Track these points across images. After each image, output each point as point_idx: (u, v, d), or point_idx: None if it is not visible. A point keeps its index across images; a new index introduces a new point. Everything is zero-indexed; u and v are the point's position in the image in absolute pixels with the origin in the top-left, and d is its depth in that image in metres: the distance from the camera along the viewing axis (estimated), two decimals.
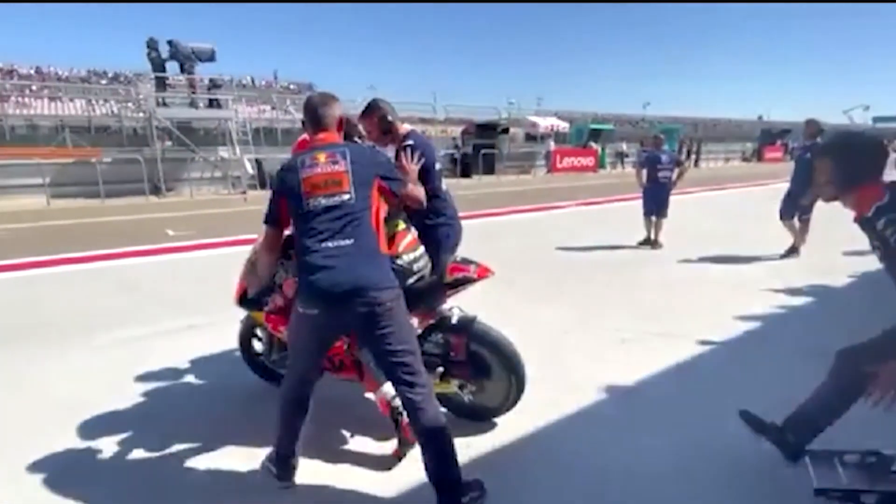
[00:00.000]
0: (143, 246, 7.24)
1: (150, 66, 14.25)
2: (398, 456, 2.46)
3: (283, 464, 2.27)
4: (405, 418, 2.31)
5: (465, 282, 2.60)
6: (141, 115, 18.59)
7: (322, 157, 2.08)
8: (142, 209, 11.42)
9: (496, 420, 2.71)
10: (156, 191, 13.19)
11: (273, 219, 2.17)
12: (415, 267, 2.55)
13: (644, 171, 7.17)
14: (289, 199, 2.07)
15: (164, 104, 14.55)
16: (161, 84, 14.74)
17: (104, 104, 27.13)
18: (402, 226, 2.59)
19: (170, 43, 13.97)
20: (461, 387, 2.62)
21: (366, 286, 1.97)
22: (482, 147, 19.33)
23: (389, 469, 2.40)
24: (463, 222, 2.98)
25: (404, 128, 2.83)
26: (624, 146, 26.13)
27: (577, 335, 3.98)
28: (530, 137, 25.97)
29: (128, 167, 13.18)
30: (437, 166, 2.85)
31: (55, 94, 27.57)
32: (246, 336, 3.07)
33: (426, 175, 2.65)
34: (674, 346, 3.69)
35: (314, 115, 2.19)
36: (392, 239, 2.48)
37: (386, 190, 2.16)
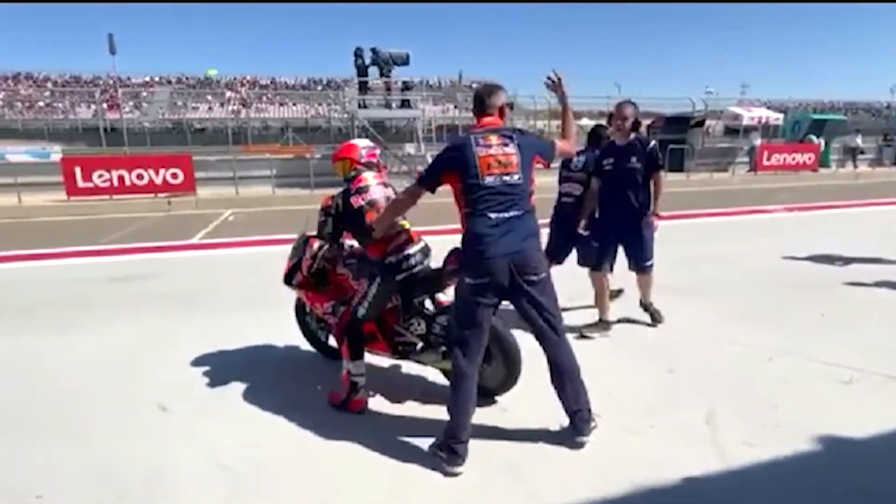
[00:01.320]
0: None
1: (356, 71, 16.07)
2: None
3: (453, 449, 2.31)
4: (358, 395, 2.78)
5: None
6: (345, 115, 21.13)
7: (494, 139, 2.35)
8: None
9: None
10: None
11: (430, 183, 2.47)
12: (419, 258, 2.83)
13: None
14: (461, 173, 2.32)
15: (364, 106, 16.28)
16: (363, 88, 16.54)
17: (318, 107, 31.48)
18: (406, 224, 2.91)
19: (373, 50, 15.59)
20: None
21: (531, 256, 2.31)
22: (670, 142, 17.60)
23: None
24: None
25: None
26: (858, 140, 21.08)
27: (784, 366, 3.37)
28: (731, 131, 22.83)
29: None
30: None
31: (283, 100, 32.86)
32: (299, 313, 3.49)
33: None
34: None
35: (482, 102, 2.49)
36: (399, 234, 2.82)
37: (541, 160, 2.49)
